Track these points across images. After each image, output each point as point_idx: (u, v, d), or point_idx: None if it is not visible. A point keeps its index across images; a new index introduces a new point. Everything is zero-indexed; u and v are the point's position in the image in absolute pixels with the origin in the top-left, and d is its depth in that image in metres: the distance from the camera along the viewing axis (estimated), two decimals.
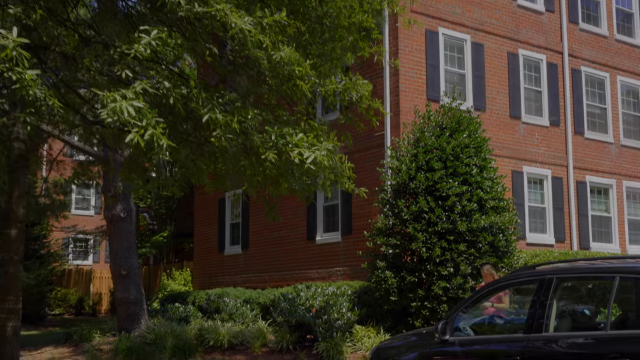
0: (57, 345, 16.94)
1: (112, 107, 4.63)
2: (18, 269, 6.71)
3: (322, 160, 5.25)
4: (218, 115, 5.21)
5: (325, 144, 5.45)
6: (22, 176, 6.28)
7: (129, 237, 16.72)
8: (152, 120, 4.81)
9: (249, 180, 6.17)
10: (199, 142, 6.84)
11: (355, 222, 17.18)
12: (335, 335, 13.24)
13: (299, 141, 5.29)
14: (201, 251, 23.68)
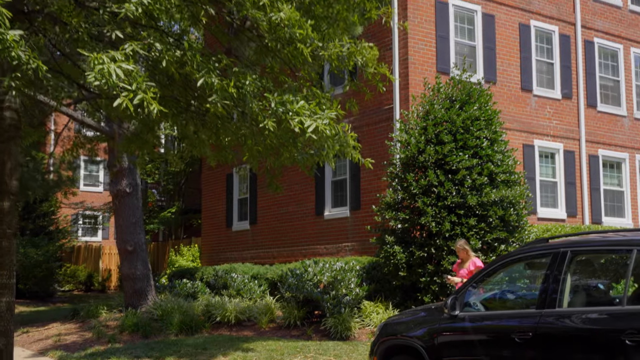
0: (65, 322, 16.88)
1: (99, 70, 4.38)
2: (11, 242, 6.51)
3: (324, 129, 4.98)
4: (214, 79, 4.95)
5: (328, 112, 5.17)
6: (14, 147, 6.06)
7: (135, 212, 16.54)
8: (143, 85, 4.55)
9: (249, 150, 5.91)
10: (200, 112, 6.59)
11: (364, 197, 16.94)
12: (344, 311, 13.06)
13: (300, 109, 5.02)
14: (209, 227, 23.53)
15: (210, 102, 5.12)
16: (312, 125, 4.97)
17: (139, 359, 11.57)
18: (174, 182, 30.83)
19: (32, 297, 26.23)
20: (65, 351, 13.11)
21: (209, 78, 4.93)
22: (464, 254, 11.02)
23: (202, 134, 6.71)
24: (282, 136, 5.59)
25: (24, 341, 15.07)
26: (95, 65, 4.39)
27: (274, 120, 5.11)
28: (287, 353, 11.28)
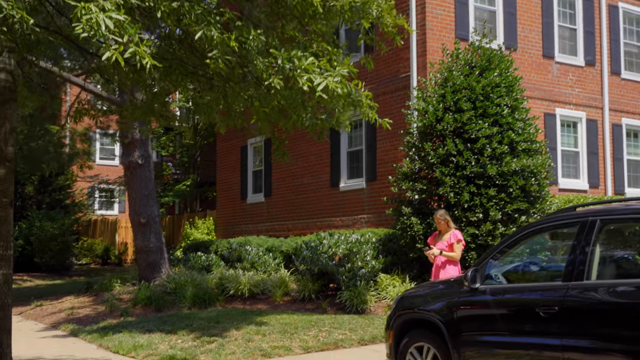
0: (79, 295, 16.73)
1: (87, 20, 4.02)
2: (7, 212, 6.22)
3: (335, 87, 4.60)
4: (214, 32, 4.56)
5: (340, 69, 4.76)
6: (9, 111, 5.74)
7: (147, 184, 16.28)
8: (135, 37, 4.19)
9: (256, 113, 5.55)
10: (207, 76, 6.23)
11: (380, 168, 16.56)
12: (359, 283, 12.76)
13: (309, 66, 4.62)
14: (224, 200, 23.27)
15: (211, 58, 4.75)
16: (322, 83, 4.57)
17: (150, 332, 11.34)
18: (189, 154, 30.55)
19: (48, 271, 26.22)
20: (78, 324, 12.94)
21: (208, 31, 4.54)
22: (443, 225, 10.20)
23: (206, 96, 6.35)
24: (290, 97, 5.20)
25: (37, 314, 14.93)
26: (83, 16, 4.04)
27: (281, 78, 4.72)
28: (301, 327, 11.01)
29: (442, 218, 10.17)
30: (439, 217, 10.20)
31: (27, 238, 26.08)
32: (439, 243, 10.09)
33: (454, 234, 10.06)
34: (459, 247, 10.01)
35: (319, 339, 10.38)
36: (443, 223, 10.18)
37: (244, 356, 9.55)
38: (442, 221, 10.18)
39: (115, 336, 11.21)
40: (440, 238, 10.20)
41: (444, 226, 10.18)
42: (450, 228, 10.18)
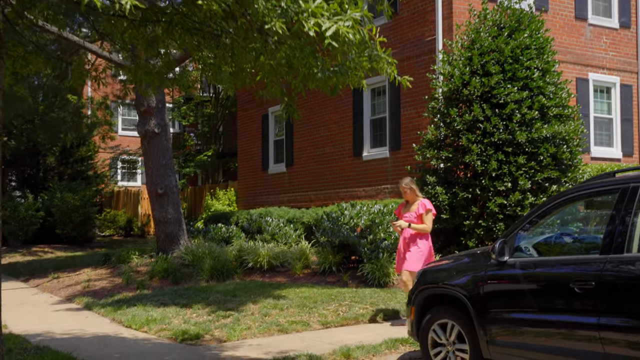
0: (96, 267, 16.46)
1: None
2: None
3: (347, 32, 4.06)
4: None
5: (352, 12, 4.21)
6: None
7: (164, 153, 15.86)
8: None
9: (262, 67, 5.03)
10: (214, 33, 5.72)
11: (404, 136, 15.98)
12: (382, 256, 12.27)
13: (317, 8, 4.08)
14: (245, 170, 22.85)
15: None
16: (332, 28, 4.03)
17: (165, 306, 10.98)
18: (210, 124, 30.13)
19: (70, 242, 26.09)
20: (92, 297, 12.63)
21: None
22: (410, 195, 9.42)
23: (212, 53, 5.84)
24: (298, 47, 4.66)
25: (53, 287, 14.68)
26: None
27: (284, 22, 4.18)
28: (320, 300, 10.57)
29: (407, 187, 9.44)
30: (404, 186, 9.47)
31: (49, 209, 25.94)
32: (406, 214, 9.41)
33: (422, 204, 9.34)
34: (429, 217, 9.29)
35: (338, 314, 9.93)
36: (409, 192, 9.44)
37: (259, 331, 9.13)
38: (408, 190, 9.44)
39: (129, 310, 10.86)
40: (407, 209, 9.51)
41: (411, 195, 9.44)
42: (418, 197, 9.47)
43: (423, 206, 9.31)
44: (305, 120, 19.61)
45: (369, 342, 8.23)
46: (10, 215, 24.81)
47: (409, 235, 9.33)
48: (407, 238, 9.35)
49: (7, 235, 25.76)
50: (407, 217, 9.36)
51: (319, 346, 8.24)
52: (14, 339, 8.62)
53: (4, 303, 12.64)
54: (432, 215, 9.39)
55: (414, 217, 9.31)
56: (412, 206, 9.43)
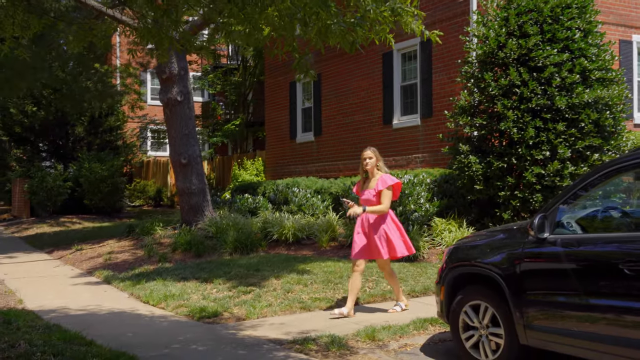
0: (120, 239, 16.17)
1: None
2: None
3: None
4: None
5: None
6: None
7: (187, 122, 15.40)
8: None
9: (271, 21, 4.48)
10: None
11: (436, 103, 15.29)
12: (412, 228, 11.70)
13: None
14: (273, 139, 22.33)
15: None
16: None
17: (185, 280, 10.57)
18: (238, 93, 29.60)
19: (98, 213, 25.94)
20: (113, 271, 12.29)
21: None
22: (371, 168, 8.24)
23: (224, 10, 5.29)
24: None
25: (75, 259, 14.40)
26: None
27: None
28: (346, 276, 10.05)
29: (367, 157, 8.24)
30: (365, 156, 8.26)
31: (77, 180, 25.77)
32: (365, 192, 8.29)
33: (381, 180, 8.16)
34: (388, 195, 8.11)
35: (365, 290, 9.41)
36: (371, 165, 8.25)
37: (280, 309, 8.67)
38: (370, 162, 8.25)
39: (148, 284, 10.48)
40: (366, 185, 8.36)
41: (372, 169, 8.25)
42: (379, 172, 8.30)
43: (383, 182, 8.12)
44: (334, 88, 18.98)
45: (396, 321, 7.71)
46: (38, 185, 24.68)
47: (371, 218, 8.22)
48: (369, 219, 8.22)
49: (36, 206, 25.67)
50: (366, 195, 8.24)
51: (343, 325, 7.74)
52: (25, 316, 8.27)
53: (26, 276, 12.40)
54: (394, 191, 8.22)
55: (372, 196, 8.15)
56: (371, 182, 8.27)
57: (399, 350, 6.79)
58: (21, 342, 6.64)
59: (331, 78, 19.19)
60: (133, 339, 7.28)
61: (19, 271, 13.02)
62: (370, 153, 8.27)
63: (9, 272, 12.93)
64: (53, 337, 6.98)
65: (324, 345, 6.85)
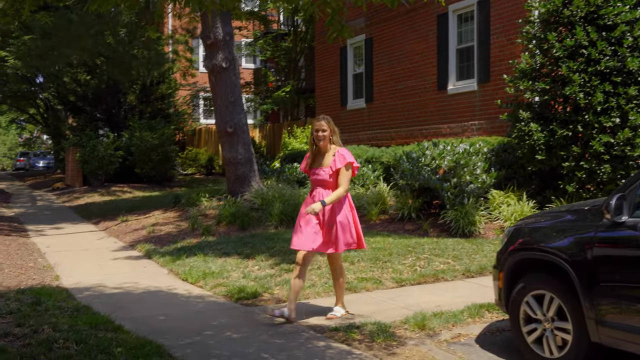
0: (166, 209, 15.82)
1: None
2: None
3: None
4: None
5: None
6: None
7: (233, 90, 14.84)
8: None
9: None
10: None
11: (494, 67, 14.38)
12: (467, 201, 10.95)
13: None
14: (323, 106, 21.64)
15: None
16: None
17: (227, 256, 10.08)
18: (289, 58, 28.92)
19: (149, 182, 25.80)
20: (155, 244, 11.91)
21: None
22: (325, 142, 6.70)
23: None
24: None
25: (120, 231, 14.10)
26: None
27: None
28: (395, 253, 9.39)
29: (322, 130, 6.71)
30: (318, 128, 6.72)
31: (129, 148, 25.63)
32: (318, 170, 6.74)
33: (340, 155, 6.68)
34: (348, 175, 6.69)
35: (415, 269, 8.74)
36: (325, 137, 6.71)
37: (324, 290, 8.08)
38: (324, 135, 6.71)
39: (188, 260, 10.03)
40: (319, 162, 6.79)
41: (326, 143, 6.72)
42: (333, 145, 6.77)
43: (341, 158, 6.65)
44: (386, 52, 18.16)
45: (449, 306, 7.04)
46: (89, 154, 24.61)
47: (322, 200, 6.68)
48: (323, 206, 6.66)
49: (88, 175, 25.67)
50: (320, 174, 6.72)
51: (391, 310, 7.12)
52: (57, 295, 7.87)
53: (68, 249, 12.12)
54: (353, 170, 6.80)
55: (328, 175, 6.67)
56: (325, 158, 6.74)
57: (451, 341, 6.14)
58: (45, 326, 6.23)
59: (383, 42, 18.36)
60: (164, 323, 6.80)
61: (62, 243, 12.77)
62: (324, 124, 6.70)
63: (52, 244, 12.68)
64: (80, 321, 6.54)
65: (369, 334, 6.24)
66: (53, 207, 20.56)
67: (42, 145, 67.52)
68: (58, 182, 28.60)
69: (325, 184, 6.72)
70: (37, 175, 40.16)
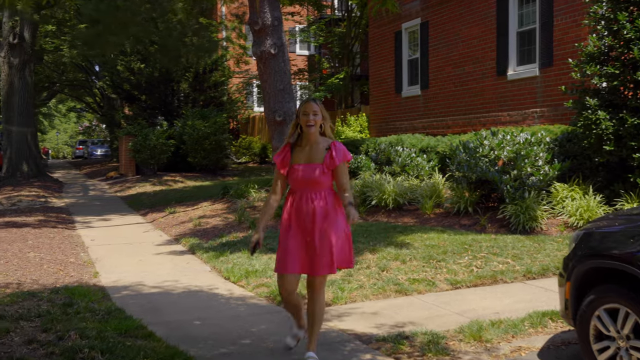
0: (215, 201, 15.48)
1: None
2: None
3: None
4: None
5: None
6: None
7: (282, 77, 14.31)
8: None
9: None
10: None
11: (558, 50, 13.53)
12: (528, 195, 10.24)
13: None
14: (377, 93, 21.01)
15: None
16: None
17: (272, 252, 9.58)
18: (342, 44, 28.29)
19: (202, 171, 25.61)
20: (200, 238, 11.54)
21: None
22: (314, 131, 5.10)
23: None
24: None
25: (166, 224, 13.79)
26: None
27: None
28: (450, 251, 8.77)
29: (314, 114, 5.07)
30: (309, 111, 5.08)
31: (181, 137, 25.47)
32: (306, 167, 5.12)
33: (336, 149, 5.14)
34: (346, 171, 5.21)
35: (471, 270, 8.12)
36: (317, 122, 5.09)
37: (372, 292, 7.52)
38: (316, 118, 5.07)
39: (232, 257, 9.60)
40: (306, 156, 5.15)
41: (315, 133, 5.11)
42: (324, 137, 5.21)
43: (340, 153, 5.13)
44: (443, 37, 17.42)
45: (508, 313, 6.43)
46: (141, 143, 24.53)
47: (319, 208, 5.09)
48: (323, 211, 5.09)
49: (140, 164, 25.61)
50: (309, 172, 5.11)
51: (444, 317, 6.53)
52: (92, 295, 7.53)
53: (112, 243, 11.85)
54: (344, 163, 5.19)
55: (321, 173, 5.10)
56: (313, 151, 5.15)
57: (510, 355, 5.52)
58: (72, 332, 5.86)
59: (439, 26, 17.61)
60: (199, 329, 6.36)
61: (107, 236, 12.52)
62: (317, 107, 5.10)
63: (97, 237, 12.44)
64: (109, 326, 6.15)
65: (419, 346, 5.68)
66: (104, 197, 20.49)
67: (100, 134, 68.58)
68: (112, 171, 28.69)
69: (317, 184, 5.09)
70: (94, 164, 40.60)
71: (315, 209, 5.09)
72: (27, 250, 10.50)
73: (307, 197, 5.12)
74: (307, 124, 5.09)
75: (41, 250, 10.56)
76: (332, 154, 5.12)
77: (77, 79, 38.02)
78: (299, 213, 5.14)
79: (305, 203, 5.12)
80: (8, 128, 24.64)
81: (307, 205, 5.11)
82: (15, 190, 20.27)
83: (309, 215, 5.10)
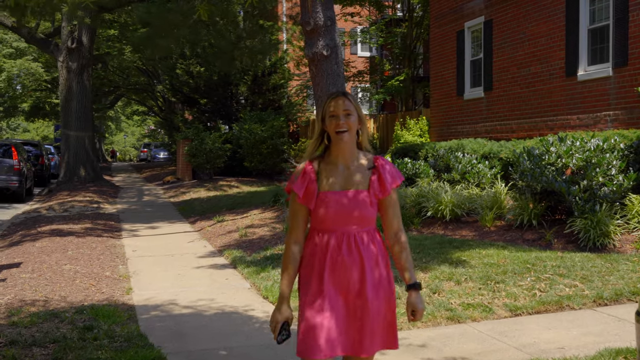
0: (266, 208, 14.92)
1: None
2: None
3: None
4: None
5: None
6: None
7: (335, 80, 13.59)
8: None
9: None
10: None
11: (634, 49, 12.44)
12: (599, 207, 9.27)
13: None
14: (438, 96, 20.09)
15: None
16: None
17: None
18: (403, 45, 27.43)
19: (258, 176, 25.17)
20: (244, 250, 10.92)
21: None
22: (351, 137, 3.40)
23: None
24: None
25: (213, 233, 13.27)
26: None
27: None
28: (511, 271, 7.91)
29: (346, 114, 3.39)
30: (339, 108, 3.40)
31: (238, 141, 25.07)
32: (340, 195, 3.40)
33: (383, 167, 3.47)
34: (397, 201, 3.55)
35: (534, 294, 7.25)
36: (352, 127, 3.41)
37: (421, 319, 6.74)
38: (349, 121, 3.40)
39: (273, 272, 8.94)
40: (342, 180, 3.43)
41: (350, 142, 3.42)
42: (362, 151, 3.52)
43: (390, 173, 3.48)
44: (507, 36, 16.44)
45: (575, 349, 5.59)
46: (197, 147, 24.22)
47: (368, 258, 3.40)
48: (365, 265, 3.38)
49: (196, 168, 25.33)
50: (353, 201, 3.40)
51: (500, 352, 5.73)
52: (117, 317, 7.00)
53: (154, 254, 11.35)
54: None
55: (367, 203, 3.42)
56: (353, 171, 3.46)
57: None
58: None
59: (504, 25, 16.63)
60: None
61: (150, 247, 12.05)
62: (350, 105, 3.44)
63: (140, 247, 12.00)
64: (125, 357, 5.57)
65: None
66: (157, 203, 20.19)
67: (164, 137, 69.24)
68: (169, 176, 28.53)
69: (362, 220, 3.43)
70: (155, 167, 40.74)
71: (363, 259, 3.40)
72: (64, 262, 10.08)
73: (348, 242, 3.41)
74: (337, 129, 3.39)
75: (78, 262, 10.14)
76: (380, 175, 3.45)
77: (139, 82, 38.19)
78: (334, 266, 3.40)
79: (346, 251, 3.40)
80: (66, 132, 24.70)
81: (350, 254, 3.40)
82: (70, 195, 20.17)
83: (354, 269, 3.40)
